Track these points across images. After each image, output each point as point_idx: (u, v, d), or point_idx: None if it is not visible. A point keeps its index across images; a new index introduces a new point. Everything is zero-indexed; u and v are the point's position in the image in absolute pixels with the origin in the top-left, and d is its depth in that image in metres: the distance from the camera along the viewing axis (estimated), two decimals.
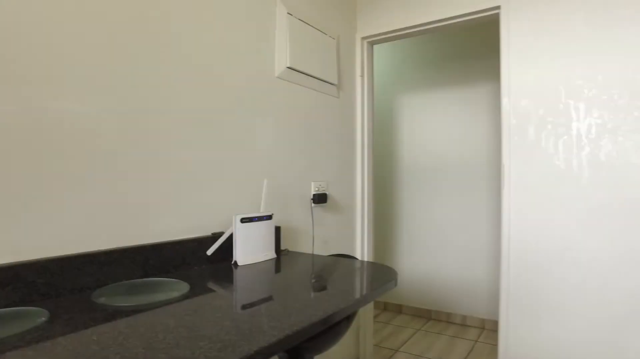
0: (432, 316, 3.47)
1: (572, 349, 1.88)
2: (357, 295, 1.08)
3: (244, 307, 0.99)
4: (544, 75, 1.93)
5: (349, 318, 1.41)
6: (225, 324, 0.86)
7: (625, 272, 1.77)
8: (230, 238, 1.47)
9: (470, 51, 3.26)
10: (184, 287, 1.14)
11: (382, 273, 1.32)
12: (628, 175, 1.76)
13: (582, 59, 1.84)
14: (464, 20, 2.15)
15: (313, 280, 1.25)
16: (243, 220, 1.44)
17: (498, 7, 2.03)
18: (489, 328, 3.22)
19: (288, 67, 1.84)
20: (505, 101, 2.01)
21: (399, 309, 3.61)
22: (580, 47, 1.85)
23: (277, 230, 1.75)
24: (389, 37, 2.40)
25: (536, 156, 1.94)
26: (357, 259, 1.62)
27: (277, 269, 1.41)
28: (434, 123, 3.41)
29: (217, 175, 1.53)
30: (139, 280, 1.21)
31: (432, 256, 3.43)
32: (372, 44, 2.51)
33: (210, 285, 1.19)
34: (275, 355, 1.56)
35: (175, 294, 1.07)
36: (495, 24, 3.07)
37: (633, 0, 1.74)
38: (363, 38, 2.45)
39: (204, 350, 0.73)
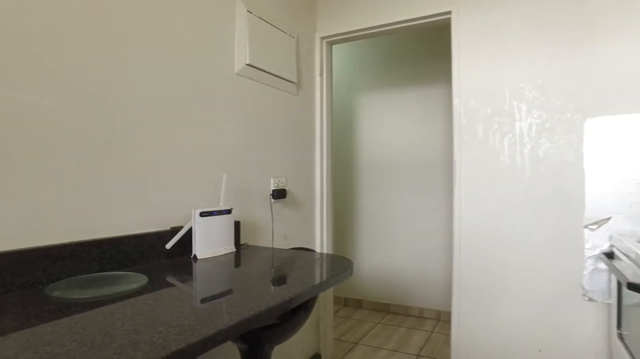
0: (390, 310, 3.57)
1: (518, 328, 2.02)
2: (314, 282, 1.13)
3: (203, 296, 1.01)
4: (491, 77, 2.06)
5: (307, 309, 1.45)
6: (184, 311, 0.88)
7: (561, 256, 1.92)
8: (190, 232, 1.47)
9: (427, 53, 3.40)
10: (142, 279, 1.14)
11: (338, 263, 1.37)
12: (563, 170, 1.91)
13: (524, 63, 1.99)
14: (418, 24, 2.26)
15: (272, 271, 1.29)
16: (202, 214, 1.45)
17: (449, 13, 2.15)
18: (444, 319, 3.36)
19: (248, 64, 1.86)
20: (456, 101, 2.13)
21: (359, 304, 3.70)
22: (522, 52, 1.99)
23: (237, 224, 1.77)
24: (347, 37, 2.47)
25: (484, 152, 2.07)
26: (315, 251, 1.67)
27: (237, 262, 1.43)
28: (392, 122, 3.52)
29: (176, 169, 1.53)
30: (96, 274, 1.19)
31: (391, 252, 3.54)
32: (331, 44, 2.57)
33: (170, 277, 1.19)
34: (236, 346, 1.58)
35: (134, 286, 1.07)
36: (448, 28, 3.22)
37: (568, 14, 1.90)
38: (322, 38, 2.50)
39: (163, 334, 0.75)
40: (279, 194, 2.09)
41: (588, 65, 1.86)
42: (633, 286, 1.29)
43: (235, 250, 1.60)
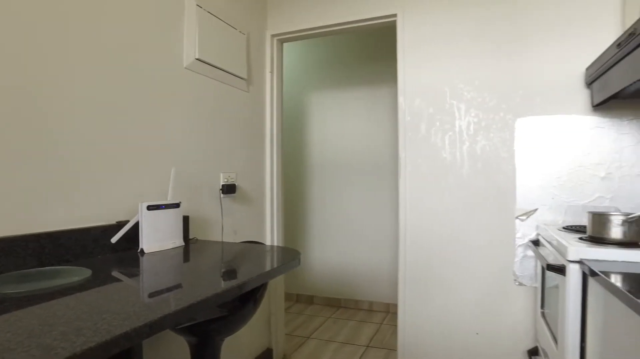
0: (341, 304, 3.66)
1: (458, 315, 2.15)
2: (262, 270, 1.15)
3: (150, 286, 1.01)
4: (433, 78, 2.18)
5: (256, 300, 1.47)
6: (130, 300, 0.88)
7: (496, 245, 2.08)
8: (137, 226, 1.45)
9: (375, 54, 3.51)
10: (85, 273, 1.11)
11: (286, 253, 1.41)
12: (497, 166, 2.07)
13: (463, 65, 2.12)
14: (366, 25, 2.34)
15: (221, 262, 1.30)
16: (149, 208, 1.43)
17: (395, 16, 2.25)
18: (393, 311, 3.49)
19: (197, 59, 1.85)
20: (401, 100, 2.23)
21: (310, 300, 3.75)
22: (462, 55, 2.13)
23: (186, 219, 1.76)
24: (297, 35, 2.51)
25: (427, 149, 2.19)
26: (264, 244, 1.69)
27: (185, 255, 1.43)
28: (342, 121, 3.60)
29: (122, 163, 1.50)
30: (33, 269, 1.15)
31: (342, 248, 3.62)
32: (281, 42, 2.60)
33: (115, 270, 1.17)
34: (185, 340, 1.58)
35: (75, 279, 1.05)
36: (394, 30, 3.35)
37: (503, 23, 2.05)
38: (273, 35, 2.53)
39: (107, 320, 0.75)
40: (229, 189, 2.09)
41: (518, 70, 2.03)
42: (550, 267, 1.43)
43: (183, 244, 1.59)
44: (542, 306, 1.84)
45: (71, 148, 1.32)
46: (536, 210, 2.00)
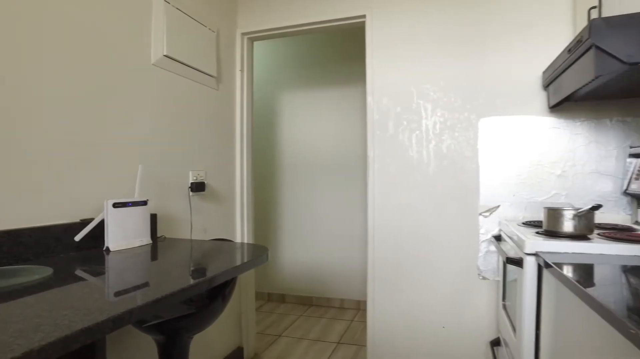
0: (313, 303, 3.68)
1: (426, 310, 2.21)
2: (229, 266, 1.16)
3: (114, 284, 1.00)
4: (401, 78, 2.23)
5: (224, 297, 1.48)
6: (93, 297, 0.87)
7: (461, 241, 2.15)
8: (103, 224, 1.43)
9: (345, 54, 3.56)
10: (46, 271, 1.09)
11: (254, 250, 1.42)
12: (462, 164, 2.14)
13: (429, 66, 2.19)
14: (335, 25, 2.37)
15: (189, 259, 1.30)
16: (115, 205, 1.41)
17: (364, 16, 2.29)
18: (364, 308, 3.54)
19: (165, 55, 1.83)
20: (369, 99, 2.28)
21: (282, 298, 3.76)
22: (428, 56, 2.19)
23: (154, 217, 1.74)
24: (267, 34, 2.52)
25: (395, 148, 2.24)
26: (232, 241, 1.69)
27: (153, 253, 1.42)
28: (313, 120, 3.63)
29: (87, 160, 1.47)
30: None
31: (313, 246, 3.65)
32: (252, 40, 2.60)
33: (78, 268, 1.15)
34: (153, 339, 1.56)
35: (35, 277, 1.03)
36: (364, 30, 3.40)
37: (468, 26, 2.13)
38: (243, 34, 2.53)
39: (68, 316, 0.74)
40: (198, 187, 2.08)
41: (481, 72, 2.10)
42: (509, 260, 1.50)
43: (151, 242, 1.58)
44: (504, 298, 1.92)
45: (33, 143, 1.29)
46: (498, 206, 2.09)
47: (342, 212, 3.56)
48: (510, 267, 1.77)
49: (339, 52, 3.58)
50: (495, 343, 2.07)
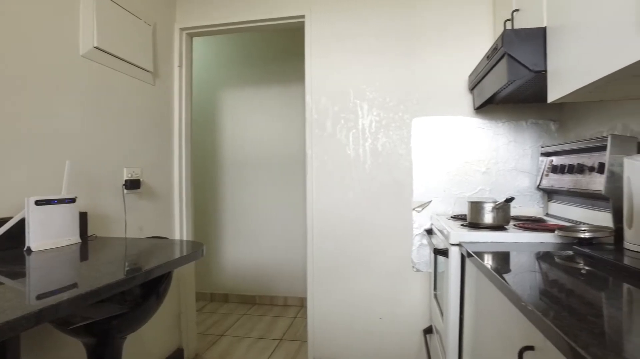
0: (256, 301, 3.67)
1: (363, 303, 2.30)
2: (162, 261, 1.15)
3: (35, 283, 0.96)
4: (338, 78, 2.30)
5: (159, 295, 1.45)
6: (7, 296, 0.83)
7: (397, 236, 2.25)
8: (24, 223, 1.35)
9: (287, 52, 3.58)
10: None
11: (189, 246, 1.41)
12: (397, 161, 2.25)
13: (365, 67, 2.27)
14: (275, 24, 2.40)
15: (121, 257, 1.26)
16: (38, 203, 1.34)
17: (303, 17, 2.33)
18: (307, 305, 3.58)
19: (95, 47, 1.76)
20: (308, 98, 2.33)
21: (225, 298, 3.72)
22: (365, 57, 2.27)
23: (83, 215, 1.67)
24: (207, 31, 2.49)
25: (333, 146, 2.31)
26: (168, 238, 1.67)
27: (81, 251, 1.36)
28: (256, 118, 3.62)
29: (5, 155, 1.38)
30: None
31: (256, 245, 3.64)
32: (191, 36, 2.56)
33: None
34: (81, 343, 1.50)
35: None
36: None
37: (401, 30, 2.24)
38: (182, 29, 2.48)
39: None
40: (133, 184, 2.02)
41: (414, 73, 2.22)
42: (437, 251, 1.61)
43: (80, 241, 1.51)
44: (435, 288, 2.04)
45: None
46: (430, 202, 2.21)
47: (285, 210, 3.59)
48: (440, 259, 1.89)
49: (281, 51, 3.60)
50: (428, 330, 2.20)
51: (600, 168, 1.40)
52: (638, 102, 1.36)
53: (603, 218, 1.45)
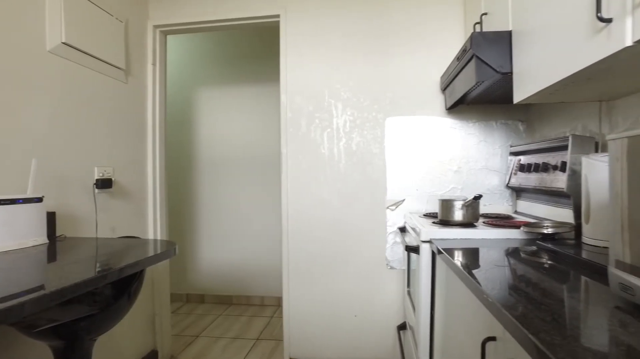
0: (233, 301, 3.65)
1: (339, 300, 2.32)
2: (133, 260, 1.14)
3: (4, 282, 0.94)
4: (313, 78, 2.32)
5: (130, 295, 1.44)
6: None
7: (372, 234, 2.28)
8: None
9: (264, 51, 3.57)
10: None
11: (162, 245, 1.40)
12: (371, 160, 2.28)
13: (340, 67, 2.30)
14: (250, 23, 2.39)
15: (91, 257, 1.24)
16: (2, 202, 1.30)
17: (278, 16, 2.34)
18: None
19: (63, 43, 1.72)
20: (283, 97, 2.33)
21: (201, 299, 3.68)
22: (339, 57, 2.30)
23: (51, 215, 1.63)
24: (180, 29, 2.46)
25: (307, 145, 2.32)
26: (140, 238, 1.65)
27: (49, 252, 1.33)
28: (233, 117, 3.60)
29: None
30: None
31: (233, 245, 3.62)
32: (165, 34, 2.53)
33: None
34: (48, 346, 1.47)
35: None
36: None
37: (373, 32, 2.27)
38: (155, 26, 2.44)
39: None
40: (104, 184, 1.98)
41: (387, 74, 2.26)
42: (408, 248, 1.64)
43: (47, 241, 1.48)
44: (408, 285, 2.08)
45: None
46: (404, 200, 2.25)
47: (262, 209, 3.58)
48: (412, 256, 1.92)
49: (258, 50, 3.59)
50: (402, 327, 2.24)
51: (563, 167, 1.46)
52: (596, 104, 1.43)
53: (566, 214, 1.51)
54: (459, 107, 2.19)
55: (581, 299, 0.76)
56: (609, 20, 0.80)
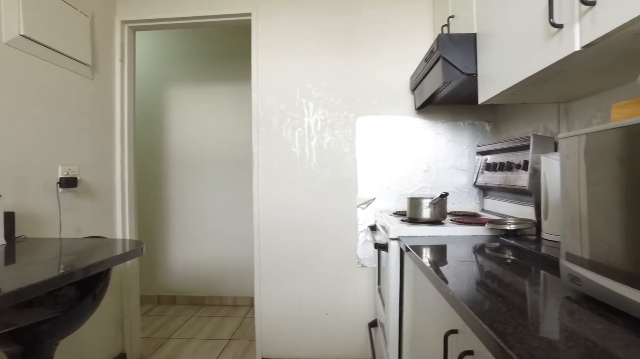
0: (205, 302, 3.60)
1: (311, 299, 2.33)
2: (98, 260, 1.11)
3: None
4: (284, 77, 2.32)
5: (95, 296, 1.40)
6: None
7: (343, 233, 2.30)
8: None
9: (236, 50, 3.54)
10: None
11: (128, 244, 1.37)
12: (342, 159, 2.30)
13: (311, 66, 2.30)
14: (221, 21, 2.37)
15: (53, 257, 1.21)
16: None
17: (250, 14, 2.32)
18: None
19: (22, 35, 1.65)
20: (254, 96, 2.32)
21: (172, 300, 3.62)
22: (311, 57, 2.30)
23: (10, 215, 1.57)
24: (150, 25, 2.41)
25: (279, 144, 2.32)
26: (106, 238, 1.61)
27: (6, 254, 1.28)
28: (204, 116, 3.55)
29: None
30: None
31: (204, 245, 3.57)
32: (134, 30, 2.47)
33: None
34: (4, 351, 1.42)
35: None
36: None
37: (345, 31, 2.29)
38: (124, 22, 2.39)
39: None
40: (69, 183, 1.92)
41: (358, 74, 2.28)
42: (377, 245, 1.67)
43: (5, 242, 1.42)
44: (378, 283, 2.11)
45: None
46: (374, 199, 2.28)
47: (234, 209, 3.55)
48: (382, 254, 1.95)
49: (230, 48, 3.55)
50: (373, 324, 2.27)
51: (525, 166, 1.52)
52: (555, 106, 1.49)
53: (528, 211, 1.56)
54: (428, 107, 2.24)
55: (536, 291, 0.80)
56: (560, 26, 0.83)
